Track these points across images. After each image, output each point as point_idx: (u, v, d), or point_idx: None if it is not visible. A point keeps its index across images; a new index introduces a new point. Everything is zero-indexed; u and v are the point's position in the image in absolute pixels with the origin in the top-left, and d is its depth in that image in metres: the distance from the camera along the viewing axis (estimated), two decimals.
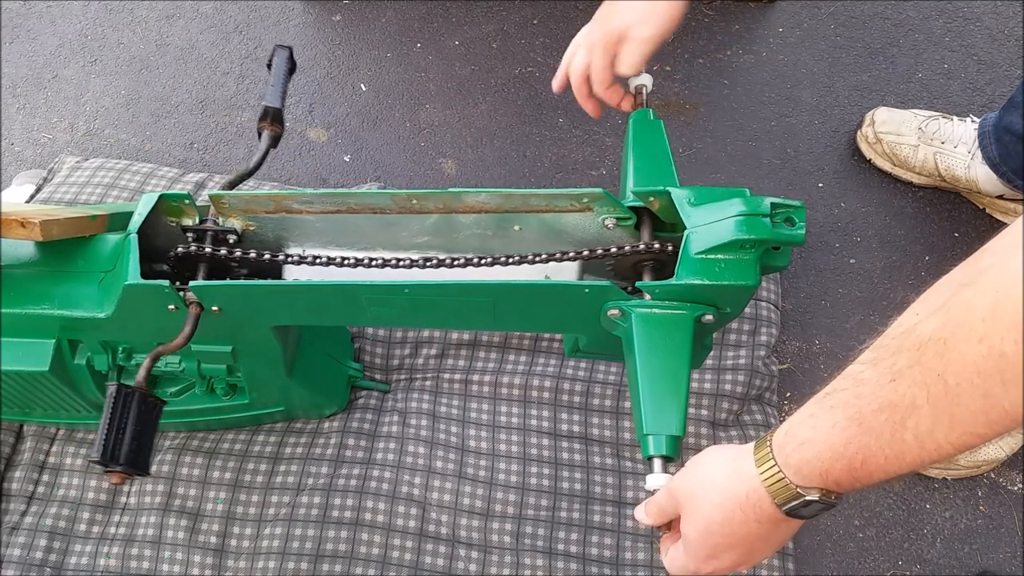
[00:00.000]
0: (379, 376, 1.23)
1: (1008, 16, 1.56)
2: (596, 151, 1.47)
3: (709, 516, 0.61)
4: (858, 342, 1.26)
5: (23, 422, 1.18)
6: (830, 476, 0.54)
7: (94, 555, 1.11)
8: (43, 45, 1.62)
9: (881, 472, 0.52)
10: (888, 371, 0.49)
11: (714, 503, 0.60)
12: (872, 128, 1.39)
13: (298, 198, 0.80)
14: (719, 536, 0.61)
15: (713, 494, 0.61)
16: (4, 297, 0.85)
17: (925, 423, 0.48)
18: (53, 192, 1.34)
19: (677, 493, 0.64)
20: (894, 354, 0.50)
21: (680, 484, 0.64)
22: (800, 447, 0.55)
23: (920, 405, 0.47)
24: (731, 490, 0.60)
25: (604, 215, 0.78)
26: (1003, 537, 1.14)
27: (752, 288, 0.72)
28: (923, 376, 0.47)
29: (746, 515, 0.59)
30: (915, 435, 0.48)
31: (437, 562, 1.09)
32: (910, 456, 0.50)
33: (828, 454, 0.53)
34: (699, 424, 1.16)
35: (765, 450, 0.58)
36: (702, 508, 0.61)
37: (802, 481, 0.56)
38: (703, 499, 0.61)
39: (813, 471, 0.55)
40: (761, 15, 1.59)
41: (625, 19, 0.87)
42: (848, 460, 0.52)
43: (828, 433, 0.53)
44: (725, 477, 0.61)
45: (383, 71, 1.57)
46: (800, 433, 0.55)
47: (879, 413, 0.50)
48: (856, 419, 0.51)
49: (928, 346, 0.47)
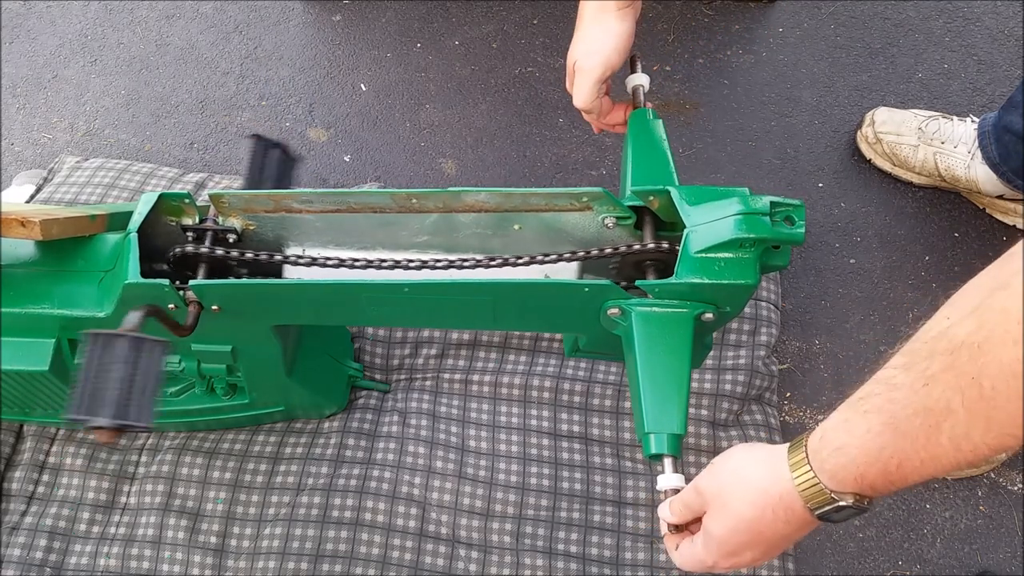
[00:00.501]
0: (379, 376, 1.23)
1: (1008, 16, 1.56)
2: (596, 151, 1.47)
3: (738, 514, 0.61)
4: (858, 342, 1.26)
5: (23, 422, 1.18)
6: (865, 480, 0.54)
7: (94, 555, 1.11)
8: (43, 45, 1.62)
9: (916, 475, 0.52)
10: (921, 376, 0.50)
11: (745, 502, 0.61)
12: (872, 128, 1.39)
13: (298, 197, 0.80)
14: (745, 534, 0.61)
15: (745, 493, 0.61)
16: (4, 297, 0.85)
17: (961, 426, 0.48)
18: (53, 192, 1.34)
19: (705, 490, 0.64)
20: (927, 358, 0.50)
21: (709, 481, 0.64)
22: (835, 452, 0.55)
23: (955, 409, 0.47)
24: (764, 491, 0.60)
25: (604, 214, 0.78)
26: (1003, 537, 1.14)
27: (752, 287, 0.72)
28: (958, 380, 0.47)
29: (776, 516, 0.59)
30: (951, 438, 0.48)
31: (437, 562, 1.09)
32: (946, 459, 0.50)
33: (863, 459, 0.54)
34: (699, 424, 1.16)
35: (800, 454, 0.58)
36: (731, 506, 0.62)
37: (837, 486, 0.56)
38: (733, 497, 0.62)
39: (848, 476, 0.55)
40: (761, 15, 1.59)
41: (575, 52, 0.89)
42: (883, 464, 0.53)
43: (863, 438, 0.53)
44: (759, 477, 0.61)
45: (383, 71, 1.57)
46: (835, 438, 0.56)
47: (914, 418, 0.50)
48: (891, 424, 0.51)
49: (962, 350, 0.47)
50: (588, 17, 0.88)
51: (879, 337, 1.27)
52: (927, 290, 1.30)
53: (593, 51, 0.87)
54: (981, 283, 0.49)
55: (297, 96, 1.55)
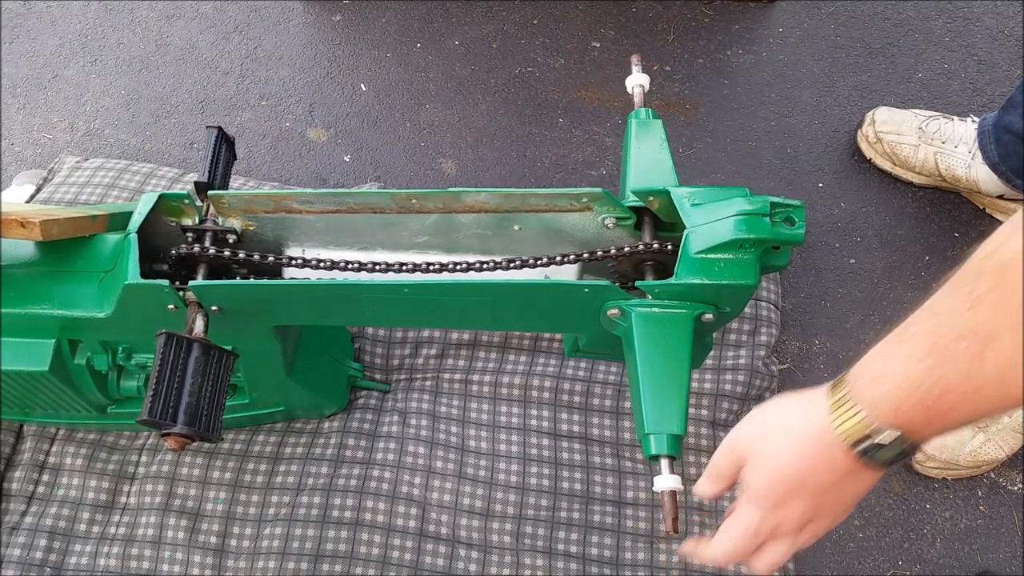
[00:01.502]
0: (379, 376, 1.23)
1: (1008, 16, 1.56)
2: (596, 151, 1.47)
3: (778, 461, 0.57)
4: (858, 342, 1.26)
5: (23, 422, 1.18)
6: (903, 413, 0.50)
7: (94, 555, 1.11)
8: (43, 45, 1.62)
9: (957, 414, 0.49)
10: (967, 297, 0.46)
11: (783, 446, 0.56)
12: (872, 128, 1.39)
13: (298, 198, 0.80)
14: (787, 481, 0.57)
15: (783, 438, 0.57)
16: (4, 297, 0.85)
17: (1007, 352, 0.44)
18: (53, 192, 1.34)
19: (740, 442, 0.60)
20: (974, 280, 0.46)
21: (744, 432, 0.60)
22: (873, 381, 0.52)
23: (1001, 333, 0.44)
24: (802, 432, 0.55)
25: (604, 215, 0.78)
26: (1003, 537, 1.14)
27: (752, 287, 0.72)
28: (1005, 300, 0.44)
29: (817, 459, 0.55)
30: (995, 367, 0.45)
31: (437, 562, 1.09)
32: (989, 391, 0.46)
33: (902, 387, 0.50)
34: (699, 424, 1.16)
35: (840, 389, 0.54)
36: (769, 454, 0.57)
37: (876, 418, 0.52)
38: (771, 442, 0.57)
39: (886, 407, 0.51)
40: (761, 15, 1.59)
41: None
42: (923, 394, 0.49)
43: (903, 365, 0.50)
44: (797, 420, 0.56)
45: (383, 71, 1.57)
46: (874, 366, 0.52)
47: (957, 342, 0.46)
48: (932, 350, 0.48)
49: (1011, 267, 0.43)
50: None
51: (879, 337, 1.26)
52: (927, 290, 1.29)
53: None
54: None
55: (297, 96, 1.55)
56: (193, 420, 0.66)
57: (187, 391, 0.67)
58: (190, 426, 0.66)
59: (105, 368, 0.96)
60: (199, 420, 0.67)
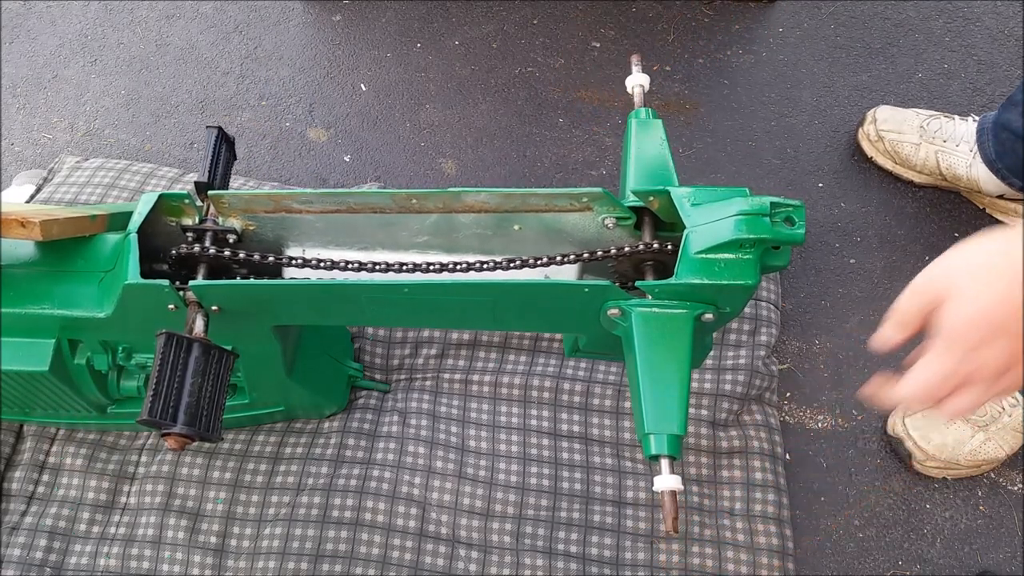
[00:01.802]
0: (379, 376, 1.23)
1: (1008, 16, 1.56)
2: (596, 151, 1.47)
3: (984, 294, 0.52)
4: (858, 342, 1.26)
5: (23, 422, 1.18)
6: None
7: (94, 555, 1.11)
8: (43, 45, 1.62)
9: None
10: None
11: (991, 279, 0.51)
12: (874, 126, 1.39)
13: (298, 198, 0.80)
14: (994, 318, 0.52)
15: (986, 274, 0.52)
16: (4, 297, 0.85)
17: None
18: (53, 192, 1.34)
19: (935, 281, 0.55)
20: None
21: (940, 270, 0.55)
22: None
23: None
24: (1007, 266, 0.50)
25: (604, 215, 0.78)
26: (1003, 537, 1.14)
27: (752, 287, 0.72)
28: None
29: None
30: None
31: (437, 562, 1.09)
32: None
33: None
34: (699, 424, 1.16)
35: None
36: (974, 288, 0.52)
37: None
38: (976, 277, 0.52)
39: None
40: (761, 15, 1.59)
41: None
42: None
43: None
44: (1002, 253, 0.51)
45: (383, 71, 1.57)
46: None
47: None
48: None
49: None
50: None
51: None
52: None
53: None
54: None
55: (297, 96, 1.55)
56: (193, 420, 0.66)
57: (187, 391, 0.67)
58: (190, 426, 0.66)
59: (105, 368, 0.96)
60: (199, 420, 0.67)
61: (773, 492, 1.13)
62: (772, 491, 1.13)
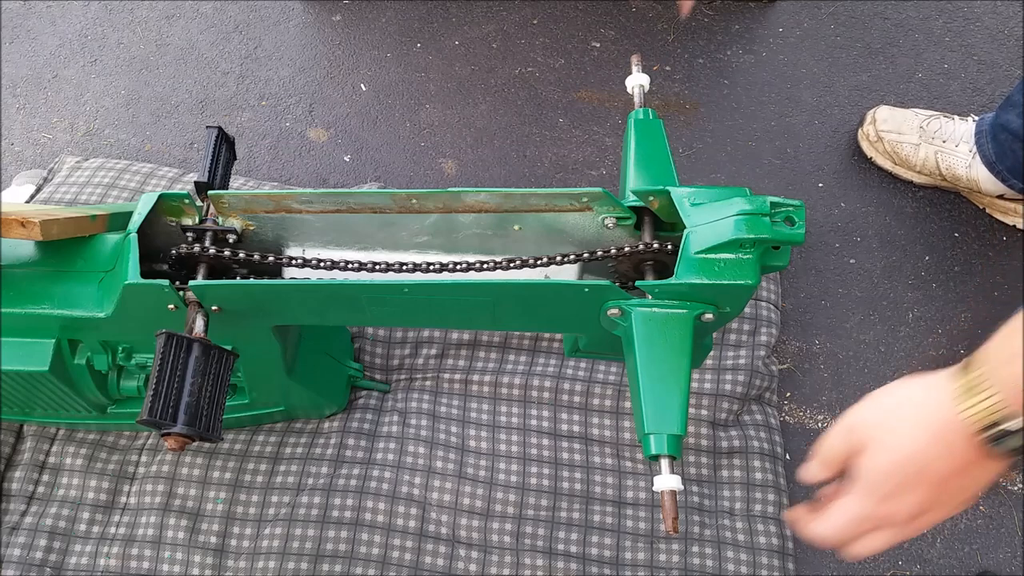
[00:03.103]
0: (379, 376, 1.23)
1: (1008, 16, 1.56)
2: (596, 151, 1.47)
3: (899, 447, 0.53)
4: (858, 342, 1.26)
5: (23, 422, 1.18)
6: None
7: (94, 555, 1.11)
8: (43, 45, 1.62)
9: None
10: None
11: (905, 433, 0.53)
12: (873, 126, 1.39)
13: (298, 198, 0.80)
14: (907, 472, 0.54)
15: (905, 423, 0.53)
16: (4, 297, 0.85)
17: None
18: (53, 192, 1.34)
19: (858, 426, 0.57)
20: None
21: (863, 415, 0.57)
22: (1011, 360, 0.48)
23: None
24: (926, 418, 0.52)
25: (604, 214, 0.78)
26: (1003, 537, 1.14)
27: (752, 287, 0.72)
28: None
29: (941, 446, 0.52)
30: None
31: (437, 562, 1.09)
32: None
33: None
34: (699, 424, 1.16)
35: (971, 372, 0.51)
36: (890, 440, 0.54)
37: (1008, 403, 0.49)
38: (893, 429, 0.54)
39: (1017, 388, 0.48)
40: (761, 15, 1.59)
41: None
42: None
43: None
44: (920, 404, 0.53)
45: (383, 71, 1.57)
46: (1009, 346, 0.49)
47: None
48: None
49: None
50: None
51: (879, 337, 1.27)
52: (927, 290, 1.30)
53: None
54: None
55: (297, 96, 1.55)
56: (193, 420, 0.66)
57: (187, 391, 0.67)
58: (190, 426, 0.66)
59: (105, 368, 0.96)
60: (199, 420, 0.67)
61: (773, 492, 1.13)
62: (772, 491, 1.13)
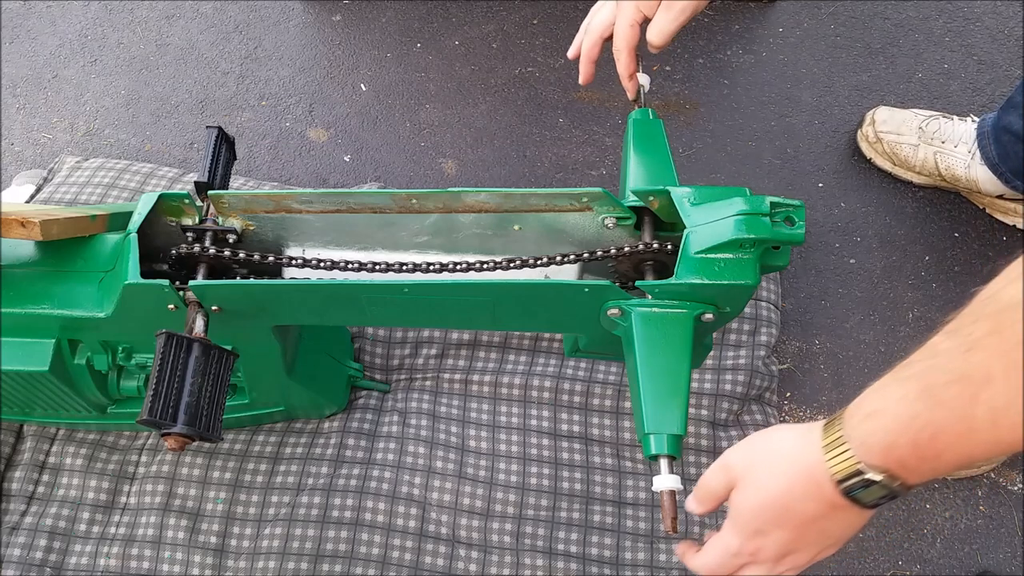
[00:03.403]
0: (379, 376, 1.23)
1: (1008, 16, 1.56)
2: (596, 151, 1.47)
3: (767, 487, 0.57)
4: (858, 342, 1.26)
5: (23, 422, 1.18)
6: (894, 453, 0.50)
7: (94, 555, 1.11)
8: (43, 45, 1.62)
9: (951, 453, 0.48)
10: (964, 340, 0.46)
11: (774, 474, 0.57)
12: (872, 127, 1.39)
13: (298, 198, 0.80)
14: (772, 511, 0.58)
15: (775, 465, 0.58)
16: (4, 297, 0.85)
17: (1000, 397, 0.44)
18: (53, 192, 1.34)
19: (734, 465, 0.61)
20: (973, 322, 0.46)
21: (738, 455, 0.61)
22: (867, 418, 0.52)
23: (996, 377, 0.44)
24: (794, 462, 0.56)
25: (604, 214, 0.78)
26: (1003, 537, 1.14)
27: (752, 287, 0.72)
28: (1001, 345, 0.44)
29: (805, 491, 0.55)
30: (989, 410, 0.45)
31: (437, 562, 1.09)
32: (982, 435, 0.46)
33: (894, 427, 0.50)
34: (699, 424, 1.16)
35: (835, 424, 0.54)
36: (760, 480, 0.58)
37: (865, 456, 0.52)
38: (763, 470, 0.58)
39: (877, 444, 0.51)
40: (761, 15, 1.59)
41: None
42: (914, 435, 0.49)
43: (897, 404, 0.50)
44: (790, 448, 0.57)
45: (383, 71, 1.57)
46: (870, 403, 0.52)
47: (951, 385, 0.46)
48: (927, 391, 0.48)
49: (1007, 312, 0.44)
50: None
51: (879, 337, 1.27)
52: (927, 290, 1.30)
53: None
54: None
55: (297, 96, 1.55)
56: (193, 420, 0.66)
57: (187, 391, 0.67)
58: (190, 426, 0.66)
59: (105, 368, 0.96)
60: (199, 420, 0.67)
61: None
62: None
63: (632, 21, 0.88)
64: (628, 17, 0.87)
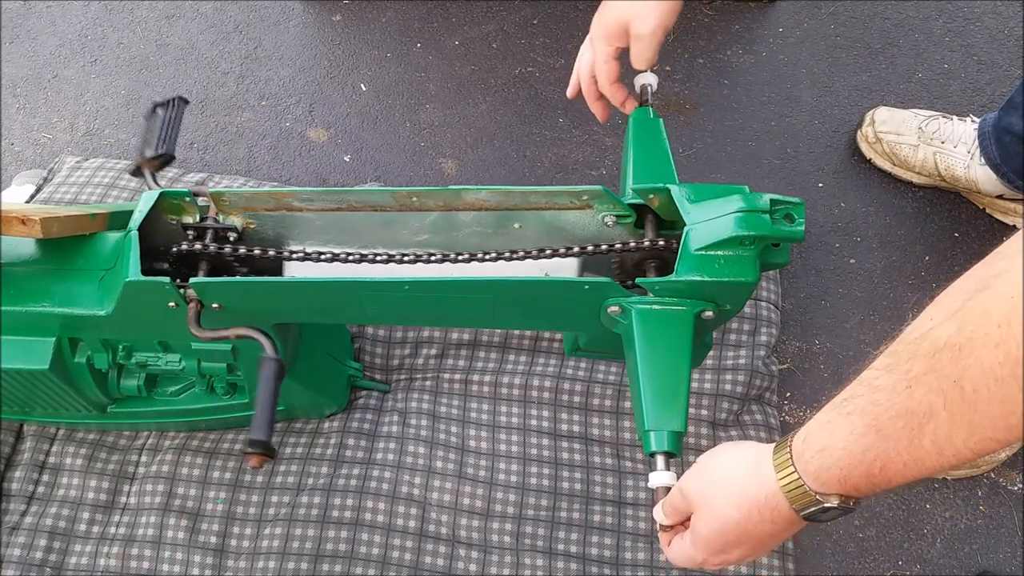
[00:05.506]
0: (379, 376, 1.23)
1: (1008, 16, 1.56)
2: (596, 151, 1.47)
3: (724, 516, 0.61)
4: (858, 342, 1.26)
5: (23, 422, 1.18)
6: (849, 482, 0.54)
7: (94, 555, 1.11)
8: (43, 45, 1.62)
9: (900, 477, 0.52)
10: (903, 378, 0.49)
11: (730, 504, 0.61)
12: (872, 128, 1.39)
13: (298, 196, 0.80)
14: (732, 535, 0.62)
15: (730, 495, 0.61)
16: (4, 295, 0.85)
17: (943, 429, 0.47)
18: (53, 192, 1.34)
19: (690, 493, 0.64)
20: (909, 360, 0.49)
21: (693, 484, 0.64)
22: (819, 454, 0.55)
23: (937, 412, 0.47)
24: (749, 492, 0.60)
25: (604, 212, 0.78)
26: (1003, 537, 1.14)
27: (752, 285, 0.72)
28: (939, 383, 0.47)
29: (763, 517, 0.59)
30: (933, 441, 0.48)
31: (437, 562, 1.09)
32: (929, 462, 0.50)
33: (847, 461, 0.53)
34: (699, 424, 1.16)
35: (784, 455, 0.58)
36: (717, 508, 0.61)
37: (821, 487, 0.56)
38: (718, 499, 0.62)
39: (832, 477, 0.55)
40: (761, 15, 1.59)
41: (624, 12, 0.85)
42: (867, 467, 0.52)
43: (846, 440, 0.53)
44: (743, 478, 0.61)
45: (383, 71, 1.57)
46: (818, 440, 0.55)
47: (896, 420, 0.50)
48: (873, 426, 0.51)
49: (943, 352, 0.46)
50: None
51: (879, 337, 1.26)
52: (927, 290, 1.30)
53: (648, 13, 0.83)
54: (964, 284, 0.49)
55: (297, 96, 1.55)
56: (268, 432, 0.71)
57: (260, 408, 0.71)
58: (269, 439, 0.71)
59: (105, 367, 0.96)
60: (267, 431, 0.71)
61: None
62: None
63: (607, 57, 0.90)
64: (603, 55, 0.90)
